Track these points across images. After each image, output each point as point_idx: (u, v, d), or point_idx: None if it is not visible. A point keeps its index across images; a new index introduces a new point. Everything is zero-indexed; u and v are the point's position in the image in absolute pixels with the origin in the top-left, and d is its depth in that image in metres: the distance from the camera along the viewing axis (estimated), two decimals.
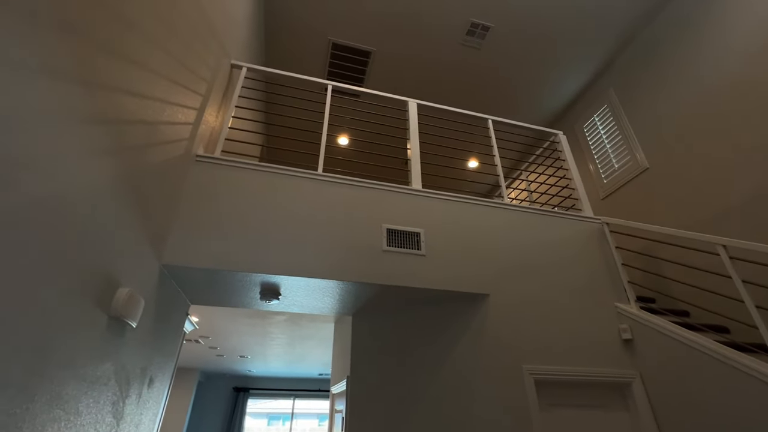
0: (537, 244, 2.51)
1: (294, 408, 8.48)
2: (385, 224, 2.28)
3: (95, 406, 1.39)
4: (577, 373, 2.09)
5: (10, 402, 0.96)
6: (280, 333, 4.09)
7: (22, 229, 0.94)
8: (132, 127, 1.44)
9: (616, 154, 4.00)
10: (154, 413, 2.09)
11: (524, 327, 2.18)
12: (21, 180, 0.92)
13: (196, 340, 4.38)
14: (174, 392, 6.95)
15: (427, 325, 2.39)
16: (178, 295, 2.22)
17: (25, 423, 1.01)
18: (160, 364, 2.08)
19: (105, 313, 1.37)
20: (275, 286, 2.11)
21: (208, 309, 3.29)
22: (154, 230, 1.73)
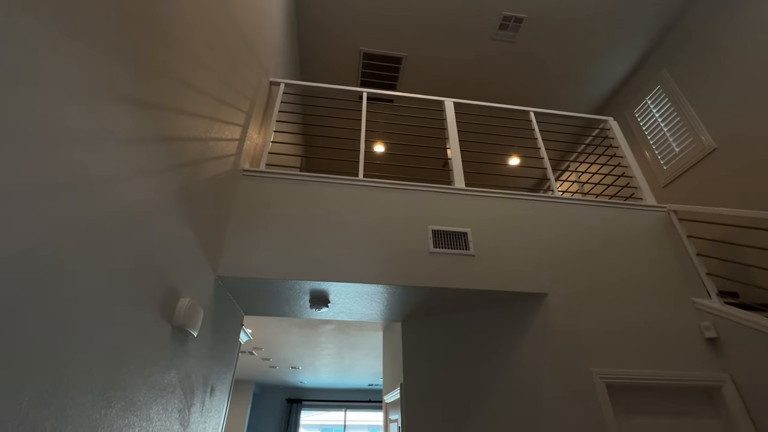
0: (596, 238, 2.34)
1: (346, 420, 8.49)
2: (430, 225, 2.22)
3: (164, 413, 1.44)
4: (654, 377, 1.89)
5: (91, 407, 1.01)
6: (329, 343, 4.11)
7: (97, 243, 1.00)
8: (186, 144, 1.51)
9: (675, 138, 3.68)
10: (216, 422, 2.15)
11: (590, 328, 2.01)
12: (95, 196, 0.99)
13: (250, 351, 4.52)
14: (231, 404, 7.21)
15: (481, 329, 2.28)
16: (233, 306, 2.29)
17: (103, 428, 1.06)
18: (220, 374, 2.14)
19: (168, 323, 1.43)
20: (324, 293, 2.12)
21: (261, 321, 3.39)
22: (209, 243, 1.80)
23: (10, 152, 0.75)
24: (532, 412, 1.91)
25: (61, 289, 0.89)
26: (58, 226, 0.87)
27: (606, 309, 2.08)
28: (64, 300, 0.89)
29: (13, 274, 0.75)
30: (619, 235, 2.37)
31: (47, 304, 0.84)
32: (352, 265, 2.01)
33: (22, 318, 0.77)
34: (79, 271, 0.94)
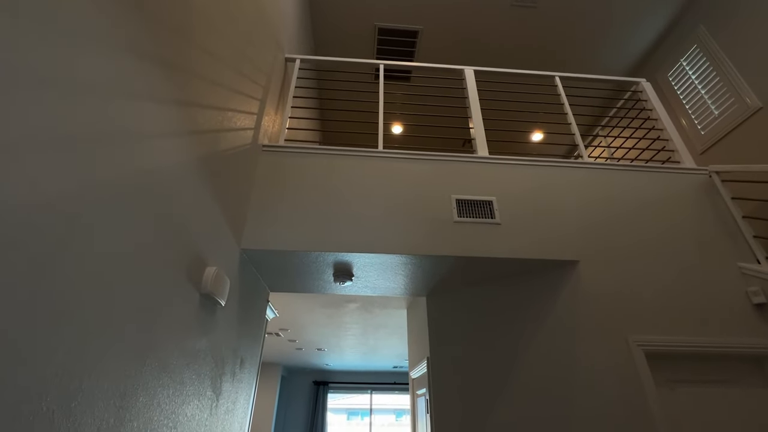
0: (630, 204, 2.21)
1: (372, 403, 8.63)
2: (453, 195, 2.16)
3: (197, 378, 1.47)
4: (697, 344, 1.79)
5: (128, 365, 1.02)
6: (354, 323, 4.14)
7: (120, 202, 1.00)
8: (205, 112, 1.50)
9: (714, 100, 3.43)
10: (247, 393, 2.19)
11: (625, 295, 1.92)
12: (117, 153, 0.98)
13: (277, 333, 4.62)
14: (261, 386, 7.44)
15: (509, 301, 2.22)
16: (259, 282, 2.32)
17: (140, 385, 1.08)
18: (249, 348, 2.18)
19: (197, 290, 1.44)
20: (347, 265, 2.10)
21: (286, 301, 3.43)
22: (232, 216, 1.80)
23: (31, 100, 0.74)
24: (566, 383, 1.85)
25: (89, 246, 0.89)
26: (81, 182, 0.87)
27: (642, 276, 1.97)
28: (92, 257, 0.90)
29: (46, 230, 0.75)
30: (656, 200, 2.24)
31: (75, 260, 0.85)
32: (375, 236, 1.98)
33: (59, 271, 0.78)
34: (104, 229, 0.94)
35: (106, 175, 0.94)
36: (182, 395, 1.34)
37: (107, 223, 0.94)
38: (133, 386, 1.05)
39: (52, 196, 0.78)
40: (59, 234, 0.80)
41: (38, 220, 0.75)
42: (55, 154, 0.79)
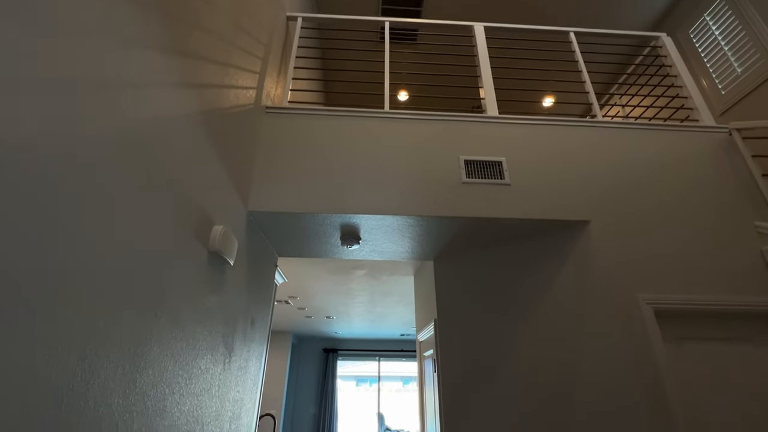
0: (644, 162, 2.15)
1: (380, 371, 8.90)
2: (462, 155, 2.11)
3: (209, 335, 1.50)
4: (708, 302, 1.78)
5: (139, 317, 1.03)
6: (361, 290, 4.20)
7: (122, 153, 0.97)
8: (206, 66, 1.45)
9: (738, 57, 3.25)
10: (259, 353, 2.25)
11: (636, 254, 1.89)
12: (118, 102, 0.95)
13: (286, 300, 4.71)
14: (272, 353, 7.70)
15: (518, 262, 2.21)
16: (266, 246, 2.33)
17: (153, 336, 1.10)
18: (259, 310, 2.22)
19: (205, 247, 1.44)
20: (354, 228, 2.09)
21: (294, 268, 3.47)
22: (237, 176, 1.78)
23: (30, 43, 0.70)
24: (572, 342, 1.87)
25: (95, 196, 0.87)
26: (84, 128, 0.84)
27: (655, 234, 1.94)
28: (99, 208, 0.89)
29: (51, 180, 0.74)
30: (672, 159, 2.16)
31: (81, 211, 0.83)
32: (382, 198, 1.96)
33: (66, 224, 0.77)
34: (109, 178, 0.93)
35: (108, 121, 0.92)
36: (195, 349, 1.37)
37: (111, 171, 0.93)
38: (146, 337, 1.07)
39: (51, 139, 0.76)
40: (63, 181, 0.78)
41: (38, 164, 0.73)
42: (54, 97, 0.76)
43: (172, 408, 1.22)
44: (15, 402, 0.67)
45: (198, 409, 1.42)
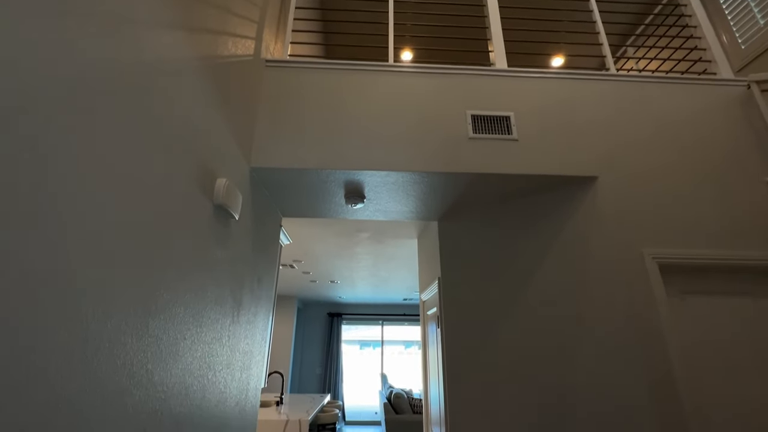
0: (656, 117, 2.08)
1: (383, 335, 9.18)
2: (468, 110, 2.05)
3: (217, 287, 1.52)
4: (713, 257, 1.77)
5: (149, 263, 1.04)
6: (365, 254, 4.24)
7: (117, 92, 0.94)
8: (204, 8, 1.38)
9: (761, 8, 3.07)
10: (266, 310, 2.30)
11: (643, 209, 1.87)
12: (111, 40, 0.90)
13: (291, 264, 4.78)
14: (278, 317, 7.93)
15: (523, 219, 2.20)
16: (270, 205, 2.32)
17: (162, 284, 1.11)
18: (265, 269, 2.24)
19: (210, 200, 1.43)
20: (359, 185, 2.07)
21: (299, 231, 3.49)
22: (238, 130, 1.74)
23: None
24: (576, 297, 1.89)
25: (99, 139, 0.85)
26: (82, 69, 0.80)
27: (664, 190, 1.91)
28: (104, 151, 0.86)
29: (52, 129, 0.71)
30: (685, 114, 2.10)
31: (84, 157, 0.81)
32: (386, 153, 1.92)
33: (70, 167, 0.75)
34: (110, 120, 0.90)
35: (102, 57, 0.88)
36: (204, 299, 1.40)
37: (111, 113, 0.90)
38: (155, 284, 1.08)
39: (48, 82, 0.73)
40: (62, 128, 0.76)
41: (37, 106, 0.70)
42: (53, 34, 0.72)
43: (184, 352, 1.26)
44: (41, 336, 0.69)
45: (209, 356, 1.46)
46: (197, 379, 1.36)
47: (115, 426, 0.91)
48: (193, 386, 1.33)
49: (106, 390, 0.88)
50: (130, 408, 0.97)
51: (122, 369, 0.93)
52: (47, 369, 0.72)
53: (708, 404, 1.62)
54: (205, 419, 1.44)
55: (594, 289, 1.83)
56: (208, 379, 1.46)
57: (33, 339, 0.69)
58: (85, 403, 0.81)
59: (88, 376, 0.82)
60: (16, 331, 0.66)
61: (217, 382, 1.55)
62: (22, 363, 0.67)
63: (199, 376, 1.38)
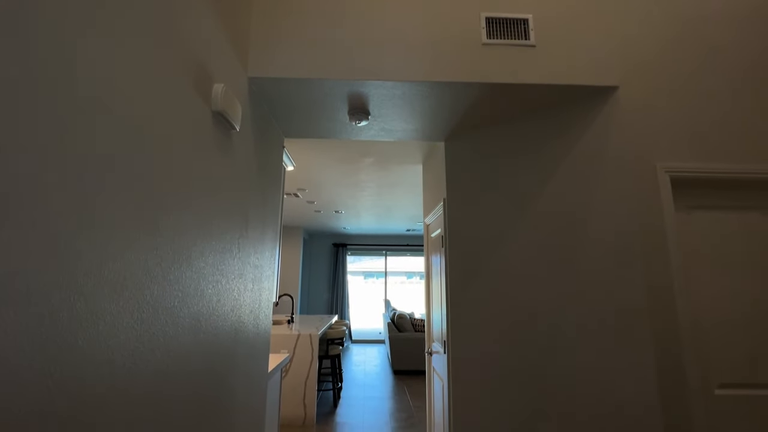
0: (685, 19, 1.89)
1: (387, 267, 9.52)
2: (483, 12, 1.86)
3: (223, 199, 1.51)
4: (728, 171, 1.73)
5: (150, 164, 1.01)
6: (370, 181, 4.21)
7: None
8: None
9: None
10: (274, 231, 2.34)
11: (662, 121, 1.78)
12: None
13: (295, 193, 4.79)
14: (285, 248, 8.18)
15: (533, 136, 2.12)
16: (272, 123, 2.24)
17: (165, 184, 1.09)
18: (270, 189, 2.23)
19: (207, 106, 1.36)
20: (363, 98, 1.96)
21: (303, 156, 3.42)
22: (235, 34, 1.60)
23: None
24: (583, 212, 1.88)
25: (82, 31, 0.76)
26: None
27: (687, 101, 1.80)
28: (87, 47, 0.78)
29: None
30: (717, 17, 1.89)
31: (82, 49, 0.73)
32: (393, 61, 1.79)
33: None
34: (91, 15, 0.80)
35: None
36: (210, 211, 1.40)
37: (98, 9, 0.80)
38: (160, 186, 1.06)
39: None
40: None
41: None
42: None
43: (196, 258, 1.29)
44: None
45: (221, 264, 1.51)
46: (211, 284, 1.42)
47: (132, 317, 0.96)
48: (207, 290, 1.38)
49: (118, 285, 0.90)
50: (149, 299, 1.01)
51: (137, 264, 0.95)
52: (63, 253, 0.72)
53: (703, 317, 1.69)
54: (222, 320, 1.53)
55: (602, 203, 1.81)
56: (222, 285, 1.52)
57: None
58: (99, 295, 0.83)
59: (103, 268, 0.84)
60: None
61: (230, 290, 1.62)
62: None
63: (213, 282, 1.43)
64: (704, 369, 1.63)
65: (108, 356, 0.85)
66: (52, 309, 0.69)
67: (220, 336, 1.51)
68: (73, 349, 0.74)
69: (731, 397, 1.61)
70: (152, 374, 1.03)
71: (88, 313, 0.79)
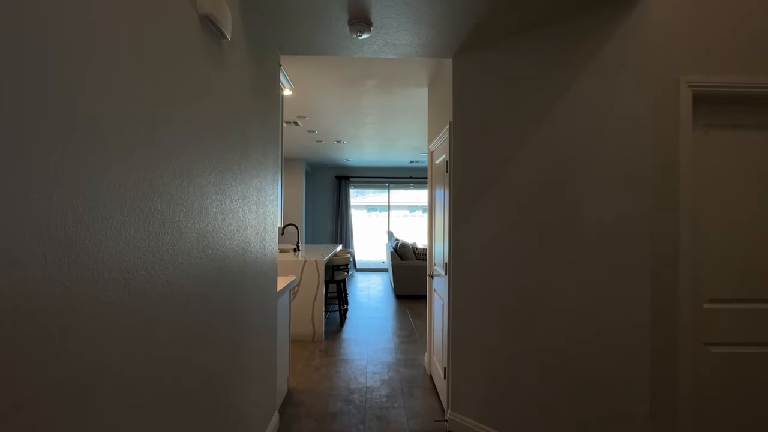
0: None
1: (390, 200, 9.55)
2: None
3: (218, 113, 1.44)
4: (759, 85, 1.61)
5: (140, 70, 0.93)
6: (372, 107, 4.03)
7: None
8: None
9: None
10: (275, 154, 2.29)
11: (688, 31, 1.62)
12: None
13: (295, 121, 4.63)
14: (287, 180, 8.16)
15: (549, 50, 1.95)
16: (266, 37, 2.06)
17: (161, 109, 1.03)
18: (270, 112, 2.13)
19: (194, 9, 1.23)
20: (364, 3, 1.78)
21: (301, 78, 3.23)
22: None
23: None
24: (593, 135, 1.80)
25: None
26: None
27: (716, 11, 1.62)
28: None
29: None
30: None
31: None
32: None
33: None
34: None
35: None
36: (206, 124, 1.34)
37: None
38: (149, 113, 0.99)
39: None
40: None
41: None
42: None
43: (198, 175, 1.27)
44: None
45: (223, 184, 1.49)
46: (215, 203, 1.42)
47: (140, 227, 0.96)
48: (211, 208, 1.39)
49: (120, 194, 0.89)
50: (153, 212, 1.01)
51: (137, 175, 0.93)
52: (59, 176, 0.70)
53: (706, 237, 1.70)
54: (229, 239, 1.56)
55: (614, 123, 1.73)
56: (226, 205, 1.52)
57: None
58: (107, 207, 0.82)
59: (102, 177, 0.82)
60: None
61: (235, 210, 1.63)
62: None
63: (216, 201, 1.43)
64: (698, 284, 1.69)
65: (119, 262, 0.87)
66: (57, 210, 0.69)
67: (228, 254, 1.55)
68: (83, 251, 0.76)
69: (718, 310, 1.68)
70: (165, 284, 1.07)
71: (93, 218, 0.78)
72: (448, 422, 2.39)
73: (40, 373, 0.65)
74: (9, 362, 0.59)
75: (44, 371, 0.66)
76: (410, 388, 2.93)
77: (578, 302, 1.84)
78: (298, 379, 3.09)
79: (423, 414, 2.55)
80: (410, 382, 3.05)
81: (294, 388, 2.92)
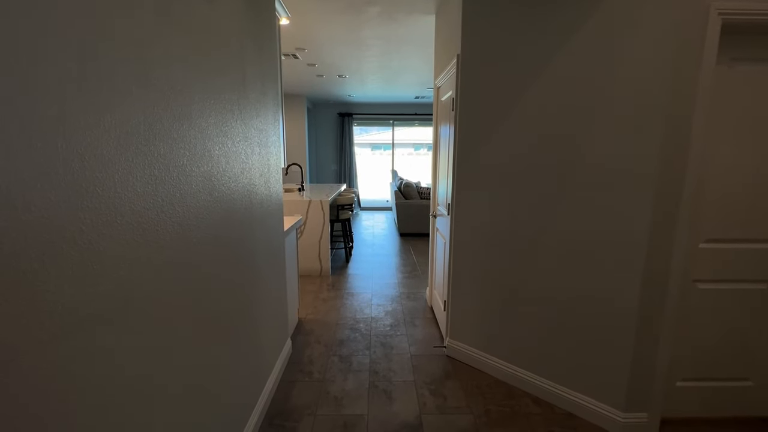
0: None
1: (394, 138, 9.31)
2: None
3: (209, 49, 1.37)
4: None
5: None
6: (375, 37, 3.76)
7: None
8: None
9: None
10: (275, 91, 2.21)
11: None
12: None
13: (294, 54, 4.36)
14: (289, 117, 7.92)
15: None
16: None
17: (152, 49, 0.97)
18: (265, 44, 2.01)
19: None
20: None
21: (299, 10, 2.98)
22: None
23: None
24: (607, 74, 1.70)
25: None
26: None
27: None
28: None
29: None
30: None
31: None
32: None
33: None
34: None
35: None
36: (202, 67, 1.28)
37: None
38: (139, 50, 0.94)
39: None
40: None
41: None
42: None
43: (198, 117, 1.24)
44: None
45: (224, 125, 1.47)
46: (217, 146, 1.41)
47: (146, 172, 0.97)
48: (214, 151, 1.38)
49: (122, 138, 0.88)
50: (156, 156, 1.01)
51: (136, 117, 0.92)
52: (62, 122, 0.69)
53: (713, 179, 1.68)
54: (233, 181, 1.57)
55: (631, 57, 1.62)
56: (228, 147, 1.52)
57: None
58: (104, 146, 0.82)
59: (101, 120, 0.81)
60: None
61: (238, 152, 1.62)
62: None
63: (218, 143, 1.42)
64: (698, 224, 1.71)
65: (130, 206, 0.90)
66: (62, 157, 0.70)
67: (234, 196, 1.58)
68: (92, 196, 0.78)
69: (712, 250, 1.73)
70: (176, 225, 1.11)
71: (98, 164, 0.79)
72: (446, 348, 2.60)
73: (70, 309, 0.72)
74: (51, 292, 0.65)
75: (74, 306, 0.73)
76: (412, 319, 3.14)
77: (575, 240, 1.89)
78: (308, 311, 3.31)
79: (424, 341, 2.77)
80: (412, 313, 3.26)
81: (304, 319, 3.15)
